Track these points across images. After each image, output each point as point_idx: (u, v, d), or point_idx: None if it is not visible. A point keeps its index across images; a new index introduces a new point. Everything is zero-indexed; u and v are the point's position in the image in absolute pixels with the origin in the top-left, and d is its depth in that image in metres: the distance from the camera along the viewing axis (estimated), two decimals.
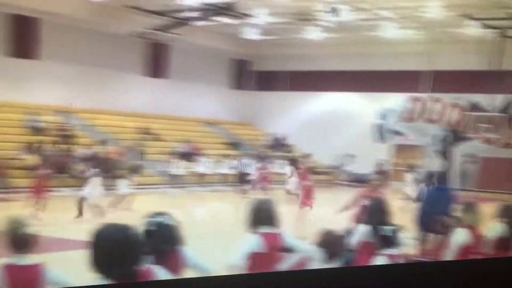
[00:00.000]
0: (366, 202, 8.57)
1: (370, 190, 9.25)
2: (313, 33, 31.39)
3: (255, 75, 38.77)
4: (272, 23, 31.30)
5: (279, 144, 35.05)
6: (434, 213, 9.93)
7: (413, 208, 12.46)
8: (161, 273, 3.71)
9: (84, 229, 3.51)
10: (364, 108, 34.86)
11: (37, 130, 24.98)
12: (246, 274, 2.95)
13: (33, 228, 4.56)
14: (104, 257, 3.31)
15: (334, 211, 12.88)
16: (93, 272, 3.33)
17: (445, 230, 8.21)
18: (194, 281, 3.24)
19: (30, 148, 22.93)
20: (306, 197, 15.91)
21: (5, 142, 22.70)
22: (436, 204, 10.78)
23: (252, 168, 27.40)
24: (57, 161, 23.09)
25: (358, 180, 33.12)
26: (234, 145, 32.97)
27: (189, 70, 33.44)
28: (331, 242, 6.30)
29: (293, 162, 22.62)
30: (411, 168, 26.21)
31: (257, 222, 5.79)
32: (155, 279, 3.62)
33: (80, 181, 21.38)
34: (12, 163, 21.68)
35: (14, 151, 22.51)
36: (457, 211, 9.88)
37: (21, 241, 4.44)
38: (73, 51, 27.88)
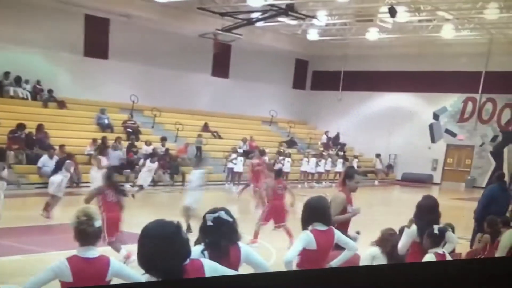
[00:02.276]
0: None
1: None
2: (370, 34, 31.17)
3: (312, 74, 38.73)
4: (330, 24, 31.25)
5: (333, 143, 34.95)
6: (492, 213, 9.73)
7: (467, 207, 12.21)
8: (208, 267, 3.72)
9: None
10: (418, 108, 34.45)
11: (104, 127, 25.59)
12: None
13: (100, 221, 4.60)
14: (150, 253, 3.37)
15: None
16: (140, 267, 3.40)
17: (493, 230, 8.06)
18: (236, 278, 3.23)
19: (96, 144, 23.41)
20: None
21: (74, 138, 23.28)
22: (495, 203, 10.56)
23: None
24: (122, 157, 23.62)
25: (410, 180, 32.87)
26: (291, 143, 33.01)
27: (250, 69, 33.64)
28: (388, 241, 6.32)
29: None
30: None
31: (310, 219, 5.83)
32: (202, 273, 3.64)
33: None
34: (81, 159, 22.14)
35: (83, 147, 23.04)
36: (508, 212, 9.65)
37: (87, 234, 4.48)
38: (139, 51, 28.40)
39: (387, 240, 6.37)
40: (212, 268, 3.76)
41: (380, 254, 6.29)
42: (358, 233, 6.28)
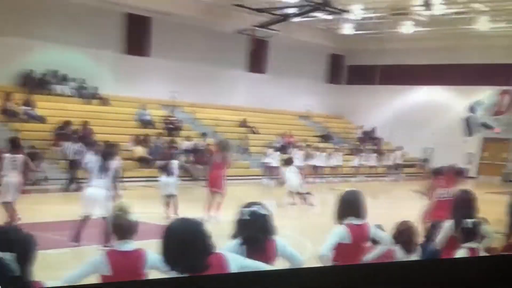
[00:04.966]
0: (450, 194, 8.31)
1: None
2: (405, 27, 30.72)
3: (347, 69, 38.41)
4: (366, 18, 30.92)
5: (368, 137, 34.60)
6: None
7: (503, 201, 11.92)
8: (232, 261, 3.66)
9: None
10: (453, 101, 33.84)
11: (145, 123, 25.81)
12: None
13: (136, 215, 4.62)
14: (173, 251, 3.36)
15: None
16: (165, 264, 3.39)
17: None
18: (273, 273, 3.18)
19: (138, 140, 23.59)
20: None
21: (117, 134, 23.50)
22: None
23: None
24: (162, 153, 23.74)
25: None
26: (326, 137, 32.81)
27: (286, 64, 33.51)
28: (405, 234, 6.16)
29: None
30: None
31: (344, 213, 5.75)
32: (226, 267, 3.60)
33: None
34: (123, 154, 22.29)
35: (124, 143, 23.22)
36: None
37: (124, 227, 4.52)
38: (180, 48, 28.53)
39: (400, 232, 6.18)
40: (236, 261, 3.71)
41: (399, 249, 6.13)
42: (379, 226, 6.13)
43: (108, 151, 11.59)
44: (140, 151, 23.06)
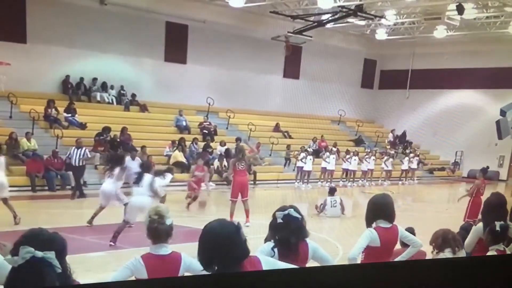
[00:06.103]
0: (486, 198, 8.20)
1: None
2: (438, 32, 30.42)
3: (379, 74, 38.13)
4: (398, 23, 30.72)
5: (399, 141, 34.29)
6: None
7: None
8: (266, 264, 3.59)
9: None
10: (484, 104, 33.29)
11: (181, 129, 26.04)
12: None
13: (172, 219, 4.59)
14: (209, 251, 3.33)
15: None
16: (200, 263, 3.38)
17: None
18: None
19: (175, 145, 23.82)
20: None
21: (154, 140, 23.78)
22: None
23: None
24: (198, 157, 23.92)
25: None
26: (358, 142, 32.63)
27: (319, 70, 33.39)
28: (445, 240, 6.11)
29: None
30: None
31: (373, 217, 5.74)
32: (260, 269, 3.50)
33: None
34: (161, 159, 22.57)
35: (162, 148, 23.49)
36: None
37: (159, 232, 4.50)
38: (214, 55, 28.69)
39: (436, 238, 6.12)
40: (270, 264, 3.65)
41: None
42: (410, 229, 6.11)
43: (147, 163, 12.14)
44: (177, 156, 23.29)
